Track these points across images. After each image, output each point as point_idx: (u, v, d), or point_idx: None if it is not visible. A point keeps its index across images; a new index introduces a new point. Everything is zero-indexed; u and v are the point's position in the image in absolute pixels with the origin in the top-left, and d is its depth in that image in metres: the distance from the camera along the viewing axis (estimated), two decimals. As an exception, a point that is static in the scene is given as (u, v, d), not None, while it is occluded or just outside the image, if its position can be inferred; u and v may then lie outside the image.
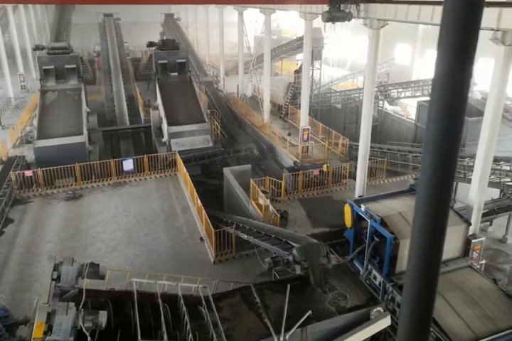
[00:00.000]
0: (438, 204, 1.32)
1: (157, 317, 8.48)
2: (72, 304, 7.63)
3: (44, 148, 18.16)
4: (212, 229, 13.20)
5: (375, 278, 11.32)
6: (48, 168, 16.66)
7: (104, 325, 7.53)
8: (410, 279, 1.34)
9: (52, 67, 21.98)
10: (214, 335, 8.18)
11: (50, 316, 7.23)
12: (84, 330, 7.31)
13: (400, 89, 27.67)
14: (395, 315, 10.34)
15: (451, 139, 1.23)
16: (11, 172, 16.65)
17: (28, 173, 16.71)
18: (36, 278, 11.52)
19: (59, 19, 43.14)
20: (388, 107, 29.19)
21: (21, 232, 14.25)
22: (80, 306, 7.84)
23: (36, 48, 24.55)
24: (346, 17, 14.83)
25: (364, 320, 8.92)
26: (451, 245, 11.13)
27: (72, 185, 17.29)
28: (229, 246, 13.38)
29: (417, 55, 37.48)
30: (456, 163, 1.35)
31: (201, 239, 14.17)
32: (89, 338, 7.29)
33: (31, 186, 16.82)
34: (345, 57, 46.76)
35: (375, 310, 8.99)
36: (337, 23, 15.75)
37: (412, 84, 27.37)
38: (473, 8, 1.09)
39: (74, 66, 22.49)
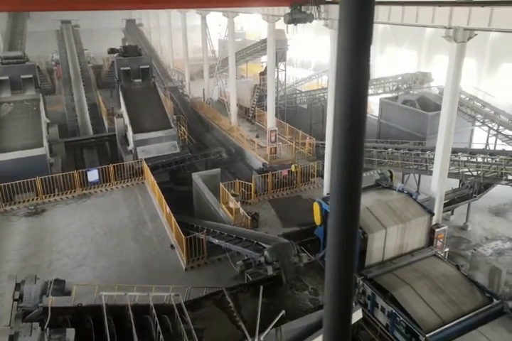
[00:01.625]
0: (349, 198, 1.29)
1: (130, 330, 8.28)
2: (36, 324, 7.33)
3: (2, 163, 17.42)
4: (183, 236, 13.01)
5: (346, 273, 11.43)
6: (5, 184, 15.96)
7: (73, 343, 7.27)
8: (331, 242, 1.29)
9: (6, 77, 21.16)
10: (188, 343, 8.05)
11: (12, 339, 6.91)
12: (51, 350, 7.03)
13: (365, 87, 28.19)
14: (366, 308, 10.49)
15: (356, 138, 1.22)
16: (-34, 189, 15.87)
17: (-14, 189, 15.95)
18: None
19: (12, 27, 41.55)
20: (352, 105, 29.65)
21: (-20, 252, 13.55)
22: (45, 325, 7.54)
23: (-12, 58, 23.54)
24: (308, 18, 15.01)
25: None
26: (417, 236, 11.44)
27: (33, 199, 16.63)
28: (200, 251, 13.23)
29: (377, 54, 38.47)
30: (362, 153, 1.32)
31: (172, 246, 13.94)
32: (57, 357, 7.01)
33: (-12, 203, 16.08)
34: (309, 57, 47.45)
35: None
36: (299, 25, 15.93)
37: (374, 82, 28.02)
38: (365, 11, 1.13)
39: (30, 76, 21.72)
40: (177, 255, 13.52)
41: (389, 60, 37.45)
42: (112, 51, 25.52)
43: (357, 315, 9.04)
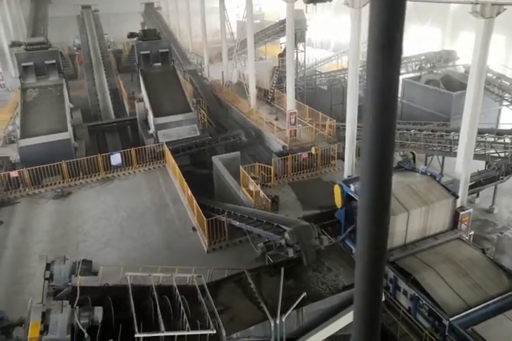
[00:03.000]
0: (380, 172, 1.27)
1: (155, 310, 8.51)
2: (66, 302, 7.61)
3: (29, 147, 17.88)
4: (204, 218, 13.19)
5: (367, 256, 11.41)
6: (34, 167, 16.44)
7: (100, 321, 7.54)
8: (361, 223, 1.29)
9: (31, 63, 21.44)
10: (211, 323, 8.23)
11: (45, 315, 7.20)
12: (81, 327, 7.32)
13: (386, 67, 27.42)
14: (388, 291, 10.48)
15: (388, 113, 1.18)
16: (-4, 173, 16.45)
17: (14, 174, 16.48)
18: (28, 278, 11.45)
19: (35, 13, 41.89)
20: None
21: (10, 233, 14.13)
22: (75, 303, 7.83)
23: (13, 45, 23.96)
24: (327, -3, 14.56)
25: (358, 298, 9.02)
26: (440, 219, 11.24)
27: (59, 183, 17.10)
28: (222, 234, 13.40)
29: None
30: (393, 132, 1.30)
31: (193, 228, 14.17)
32: (86, 334, 7.30)
33: (18, 187, 16.62)
34: (329, 38, 46.22)
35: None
36: (319, 4, 15.45)
37: (397, 62, 27.12)
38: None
39: (54, 61, 21.96)
40: (199, 237, 13.74)
41: (411, 38, 36.05)
42: (131, 35, 25.51)
43: (379, 298, 9.06)
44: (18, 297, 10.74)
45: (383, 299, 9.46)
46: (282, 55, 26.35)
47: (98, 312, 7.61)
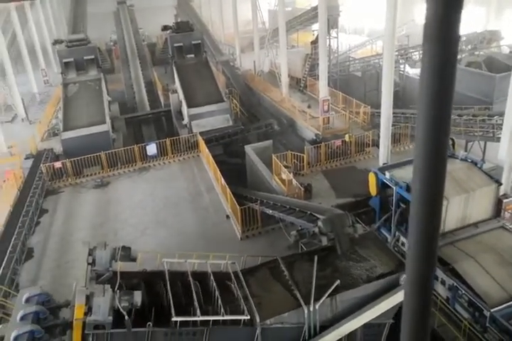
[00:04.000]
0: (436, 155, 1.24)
1: (190, 295, 8.71)
2: (107, 286, 7.91)
3: (71, 139, 18.68)
4: (238, 207, 13.32)
5: (403, 244, 11.16)
6: (75, 158, 17.18)
7: (139, 304, 7.81)
8: (413, 221, 1.27)
9: (71, 59, 22.26)
10: (245, 308, 8.34)
11: (88, 298, 7.54)
12: (122, 310, 7.59)
13: (422, 51, 26.32)
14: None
15: (445, 89, 1.14)
16: (41, 165, 17.32)
17: (58, 165, 17.30)
18: (73, 263, 12.09)
19: (74, 11, 43.33)
20: (410, 71, 27.93)
21: (56, 221, 14.91)
22: (116, 288, 8.15)
23: (55, 42, 24.90)
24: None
25: (394, 287, 8.85)
26: (482, 206, 10.76)
27: (99, 173, 17.80)
28: (255, 222, 13.50)
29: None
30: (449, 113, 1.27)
31: (227, 216, 14.36)
32: (126, 317, 7.57)
33: (61, 177, 17.45)
34: (363, 23, 44.81)
35: (404, 276, 8.86)
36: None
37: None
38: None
39: (92, 57, 22.69)
40: (232, 225, 13.91)
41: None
42: (165, 28, 25.85)
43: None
44: (63, 281, 11.35)
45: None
46: (315, 42, 25.85)
47: (137, 297, 7.86)
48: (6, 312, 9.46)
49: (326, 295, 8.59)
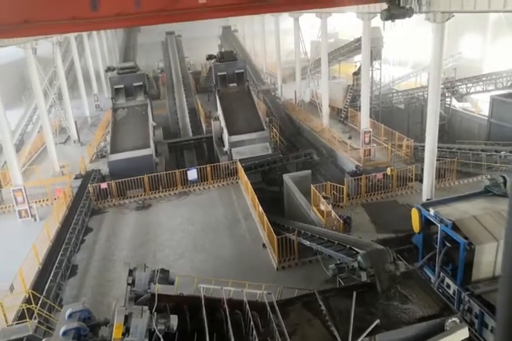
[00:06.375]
0: None
1: (225, 323, 8.65)
2: (146, 307, 8.01)
3: (116, 161, 19.54)
4: (275, 236, 13.26)
5: (448, 286, 10.62)
6: (120, 180, 17.90)
7: (175, 328, 7.83)
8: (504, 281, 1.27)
9: (122, 86, 23.63)
10: (280, 341, 8.17)
11: (127, 318, 7.65)
12: (158, 333, 7.63)
13: (470, 84, 25.92)
14: (473, 327, 9.60)
15: None
16: (89, 185, 18.16)
17: (104, 185, 18.10)
18: (113, 282, 12.39)
19: (127, 41, 46.51)
20: (456, 104, 27.44)
21: (99, 240, 15.44)
22: (153, 310, 8.24)
23: (108, 69, 26.56)
24: (407, 13, 14.19)
25: (438, 331, 8.38)
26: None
27: (141, 195, 18.41)
28: (291, 252, 13.35)
29: (488, 46, 34.82)
30: None
31: (264, 245, 14.30)
32: (161, 340, 7.60)
33: (106, 197, 18.18)
34: (407, 55, 44.81)
35: (450, 321, 8.40)
36: (397, 20, 15.16)
37: (484, 78, 25.49)
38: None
39: (141, 83, 24.00)
40: (269, 254, 13.82)
41: (503, 52, 33.64)
42: (209, 57, 26.99)
43: (463, 334, 8.33)
44: (103, 299, 11.62)
45: (467, 335, 8.70)
46: (357, 74, 26.13)
47: (174, 320, 7.88)
48: (49, 326, 9.74)
49: (365, 334, 8.27)
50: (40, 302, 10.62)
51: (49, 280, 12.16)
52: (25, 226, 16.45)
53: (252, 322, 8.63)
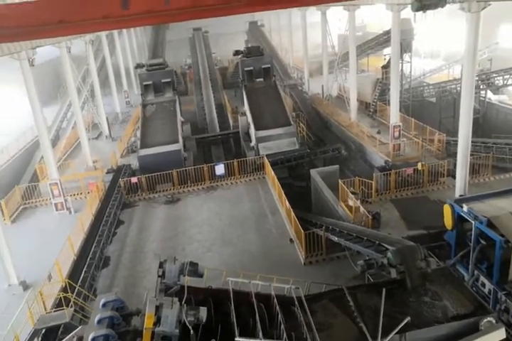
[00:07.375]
0: None
1: (253, 316, 8.72)
2: (176, 299, 8.18)
3: (146, 157, 19.98)
4: (302, 231, 13.24)
5: (483, 285, 10.31)
6: (150, 175, 18.30)
7: (204, 320, 7.96)
8: None
9: (150, 82, 24.05)
10: (308, 336, 8.16)
11: (157, 309, 7.85)
12: (187, 324, 7.79)
13: (506, 76, 24.83)
14: (511, 328, 9.29)
15: None
16: (120, 179, 18.66)
17: (134, 180, 18.57)
18: (144, 274, 12.75)
19: (155, 38, 47.19)
20: (492, 97, 26.37)
21: (130, 233, 15.90)
22: (183, 302, 8.42)
23: (137, 66, 27.09)
24: (439, 3, 13.68)
25: (472, 331, 8.16)
26: None
27: (170, 189, 18.74)
28: (319, 248, 13.29)
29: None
30: None
31: (291, 240, 14.30)
32: (191, 331, 7.76)
33: (137, 191, 18.64)
34: (439, 46, 43.34)
35: (485, 321, 8.15)
36: (429, 11, 14.67)
37: (522, 69, 24.35)
38: None
39: (169, 80, 24.34)
40: (296, 249, 13.82)
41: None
42: (236, 53, 27.01)
43: (499, 335, 8.07)
44: (134, 289, 11.97)
45: (504, 336, 8.42)
46: (386, 67, 25.53)
47: (203, 312, 8.02)
48: (84, 315, 10.13)
49: (395, 331, 8.15)
50: (75, 291, 11.06)
51: (83, 271, 12.64)
52: (61, 218, 17.10)
53: (280, 316, 8.66)
